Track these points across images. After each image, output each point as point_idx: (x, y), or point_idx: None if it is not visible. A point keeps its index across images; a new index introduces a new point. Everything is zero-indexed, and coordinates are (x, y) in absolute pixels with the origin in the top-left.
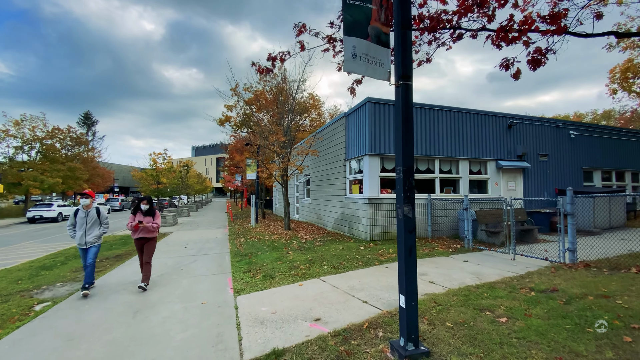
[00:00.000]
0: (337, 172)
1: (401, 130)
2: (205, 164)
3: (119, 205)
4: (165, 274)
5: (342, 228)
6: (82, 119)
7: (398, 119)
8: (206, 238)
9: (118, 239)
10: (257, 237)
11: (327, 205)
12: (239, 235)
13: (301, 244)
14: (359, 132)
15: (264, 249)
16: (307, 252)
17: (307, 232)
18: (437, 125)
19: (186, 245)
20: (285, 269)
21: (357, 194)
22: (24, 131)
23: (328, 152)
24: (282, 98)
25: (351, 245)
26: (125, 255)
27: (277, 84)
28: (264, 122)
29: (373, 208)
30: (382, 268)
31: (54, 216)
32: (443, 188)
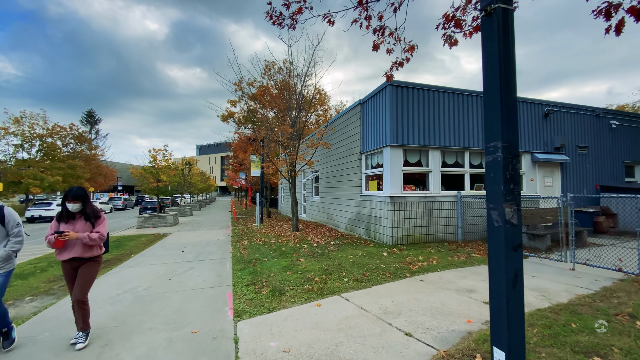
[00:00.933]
0: (351, 167)
1: (498, 81)
2: (210, 162)
3: (122, 204)
4: (154, 286)
5: (358, 230)
6: (85, 117)
7: (493, 60)
8: (207, 240)
9: (113, 240)
10: (263, 240)
11: (339, 204)
12: (243, 237)
13: (312, 248)
14: (378, 120)
15: (271, 254)
16: (321, 259)
17: (317, 234)
18: (467, 112)
19: (184, 249)
20: (297, 282)
21: (375, 191)
22: (24, 129)
23: (340, 145)
24: (287, 93)
25: (371, 250)
26: (114, 261)
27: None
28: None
29: (395, 207)
30: (416, 282)
31: (53, 215)
32: (473, 184)
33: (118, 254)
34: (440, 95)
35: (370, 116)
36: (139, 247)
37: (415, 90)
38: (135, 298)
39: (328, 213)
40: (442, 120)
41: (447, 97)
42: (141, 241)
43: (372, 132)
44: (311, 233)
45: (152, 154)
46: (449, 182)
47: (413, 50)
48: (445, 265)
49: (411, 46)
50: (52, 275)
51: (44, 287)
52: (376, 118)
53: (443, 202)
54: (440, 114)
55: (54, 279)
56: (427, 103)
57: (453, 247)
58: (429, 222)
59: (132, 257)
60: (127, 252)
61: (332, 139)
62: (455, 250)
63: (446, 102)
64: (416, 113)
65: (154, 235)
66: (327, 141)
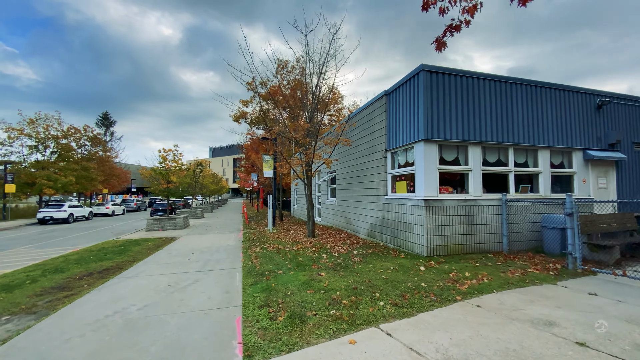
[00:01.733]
0: (374, 166)
1: None
2: (222, 164)
3: (134, 206)
4: (151, 306)
5: (382, 237)
6: (101, 119)
7: None
8: (216, 245)
9: (119, 244)
10: (276, 247)
11: (360, 207)
12: (255, 243)
13: (334, 259)
14: (409, 112)
15: (286, 265)
16: (345, 273)
17: (336, 240)
18: (510, 103)
19: (191, 256)
20: (321, 304)
21: (404, 193)
22: (39, 130)
23: (361, 142)
24: (300, 92)
25: (404, 263)
26: (114, 269)
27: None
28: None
29: (431, 212)
30: (471, 308)
31: (65, 217)
32: (518, 186)
33: (120, 261)
34: (481, 83)
35: (398, 108)
36: (143, 253)
37: (452, 77)
38: (125, 322)
39: (346, 217)
40: (482, 112)
41: (488, 85)
42: (147, 246)
43: (400, 127)
44: (329, 239)
45: (162, 154)
46: (489, 183)
47: (475, 11)
48: (501, 285)
49: (474, 4)
50: (40, 288)
51: (27, 302)
52: (406, 110)
53: (485, 206)
54: (481, 105)
55: (41, 292)
56: (466, 92)
57: (500, 260)
58: (469, 230)
59: (134, 264)
60: (129, 259)
61: (352, 135)
62: (504, 264)
63: (487, 91)
64: (453, 103)
65: (162, 240)
66: (348, 138)
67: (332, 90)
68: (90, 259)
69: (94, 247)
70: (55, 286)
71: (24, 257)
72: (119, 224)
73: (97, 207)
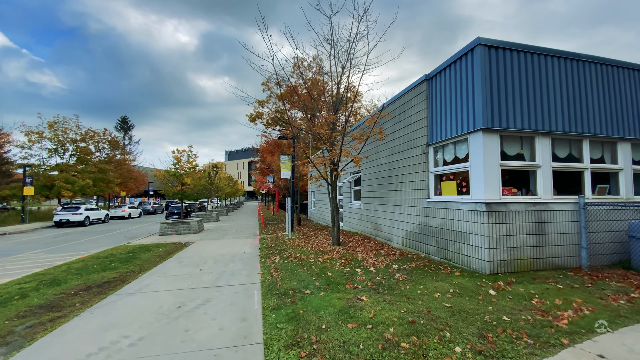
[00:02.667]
0: (411, 164)
1: None
2: (238, 167)
3: (151, 209)
4: (146, 339)
5: (424, 247)
6: (119, 123)
7: None
8: (231, 253)
9: (128, 250)
10: (298, 256)
11: (392, 212)
12: (273, 251)
13: (371, 274)
14: (460, 97)
15: (313, 282)
16: (392, 297)
17: (366, 250)
18: (584, 86)
19: (203, 266)
20: (372, 349)
21: (453, 195)
22: (58, 133)
23: (394, 137)
24: (316, 92)
25: (463, 283)
26: (115, 283)
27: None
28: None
29: (493, 219)
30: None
31: (81, 220)
32: (595, 186)
33: (124, 271)
34: (549, 61)
35: (444, 94)
36: (152, 262)
37: (515, 53)
38: None
39: (374, 223)
40: (551, 96)
41: (557, 64)
42: (157, 253)
43: (448, 116)
44: (358, 249)
45: (176, 155)
46: (561, 181)
47: None
48: (611, 319)
49: None
50: (26, 307)
51: (4, 328)
52: (456, 95)
53: (558, 211)
54: (549, 87)
55: (26, 312)
56: (531, 71)
57: (585, 279)
58: (539, 241)
59: (139, 276)
60: (135, 269)
61: (384, 129)
62: (594, 286)
63: (556, 71)
64: (516, 85)
65: (174, 245)
66: (375, 134)
67: (363, 72)
68: (94, 268)
69: (102, 253)
70: (44, 304)
71: (29, 264)
72: (134, 227)
73: (113, 210)
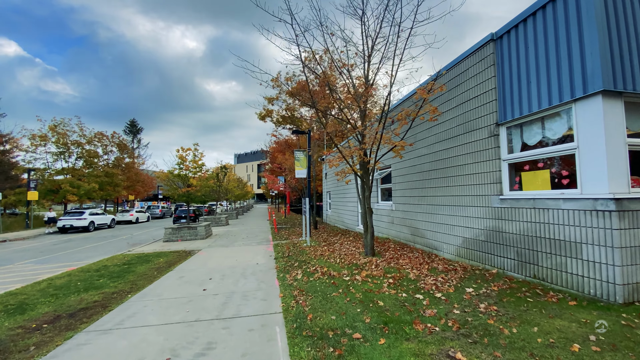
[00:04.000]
0: (471, 151)
1: None
2: (247, 170)
3: (159, 213)
4: None
5: (493, 259)
6: (128, 126)
7: None
8: (242, 264)
9: (125, 261)
10: (326, 271)
11: (440, 213)
12: (292, 262)
13: (443, 305)
14: (555, 53)
15: (359, 316)
16: (505, 352)
17: (413, 263)
18: None
19: (208, 283)
20: None
21: (546, 190)
22: (61, 136)
23: (441, 119)
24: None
25: (600, 322)
26: (94, 310)
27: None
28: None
29: (627, 222)
30: None
31: (85, 225)
32: None
33: (110, 291)
34: None
35: (525, 54)
36: (147, 277)
37: None
38: None
39: (413, 227)
40: None
41: None
42: (157, 264)
43: (532, 82)
44: (401, 261)
45: (180, 154)
46: None
47: None
48: None
49: None
50: None
51: None
52: (547, 51)
53: None
54: None
55: None
56: None
57: None
58: None
59: (125, 300)
60: (125, 288)
61: (424, 113)
62: None
63: None
64: None
65: (178, 254)
66: (425, 113)
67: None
68: (77, 286)
69: (95, 264)
70: None
71: (11, 278)
72: (139, 233)
73: (120, 215)
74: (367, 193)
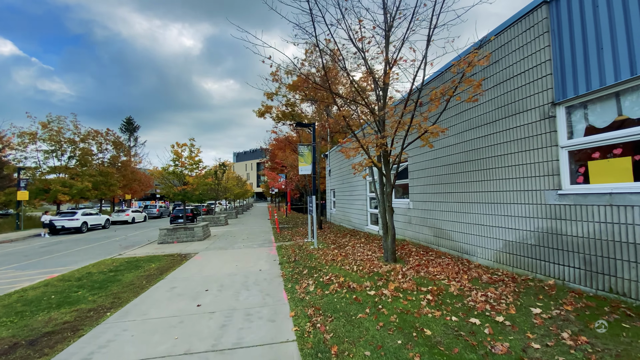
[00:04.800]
0: (516, 138)
1: None
2: (246, 169)
3: (157, 213)
4: None
5: (548, 267)
6: (124, 124)
7: None
8: (243, 272)
9: (112, 268)
10: (344, 282)
11: (473, 212)
12: (300, 268)
13: (513, 335)
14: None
15: (399, 347)
16: None
17: (446, 272)
18: None
19: (202, 297)
20: None
21: (629, 182)
22: (53, 134)
23: (477, 101)
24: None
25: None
26: (62, 334)
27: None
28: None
29: None
30: None
31: (77, 226)
32: None
33: (87, 308)
34: None
35: (591, 16)
36: (133, 288)
37: None
38: None
39: (436, 228)
40: None
41: None
42: (147, 271)
43: (601, 49)
44: (431, 269)
45: (175, 150)
46: None
47: None
48: None
49: None
50: None
51: None
52: (625, 4)
53: None
54: None
55: None
56: None
57: None
58: None
59: (103, 320)
60: (105, 303)
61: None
62: None
63: None
64: None
65: (171, 259)
66: (466, 90)
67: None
68: (50, 300)
69: (77, 271)
70: None
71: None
72: (134, 234)
73: (116, 215)
74: (389, 189)
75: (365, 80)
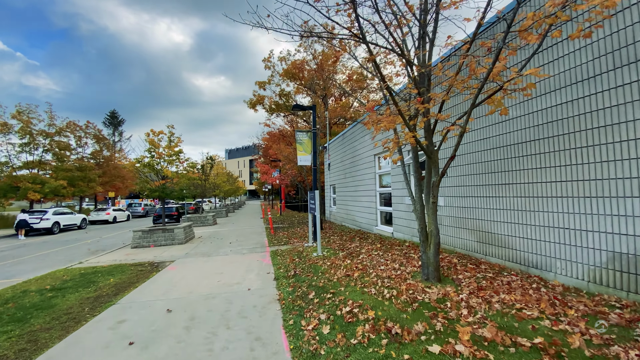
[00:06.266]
0: (633, 99)
1: None
2: (239, 166)
3: (142, 211)
4: None
5: None
6: (108, 118)
7: None
8: (226, 293)
9: (63, 281)
10: (374, 318)
11: (545, 210)
12: (303, 287)
13: None
14: None
15: None
16: None
17: (524, 297)
18: None
19: (156, 349)
20: None
21: None
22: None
23: (556, 51)
24: None
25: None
26: None
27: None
28: None
29: None
30: None
31: (48, 227)
32: None
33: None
34: None
35: None
36: (64, 324)
37: None
38: None
39: (483, 231)
40: None
41: None
42: (100, 290)
43: None
44: (502, 294)
45: (151, 139)
46: None
47: None
48: None
49: None
50: None
51: None
52: None
53: None
54: None
55: None
56: None
57: None
58: None
59: None
60: (7, 354)
61: None
62: None
63: None
64: None
65: (139, 269)
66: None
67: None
68: None
69: (12, 288)
70: None
71: None
72: (110, 236)
73: (95, 214)
74: (436, 178)
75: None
